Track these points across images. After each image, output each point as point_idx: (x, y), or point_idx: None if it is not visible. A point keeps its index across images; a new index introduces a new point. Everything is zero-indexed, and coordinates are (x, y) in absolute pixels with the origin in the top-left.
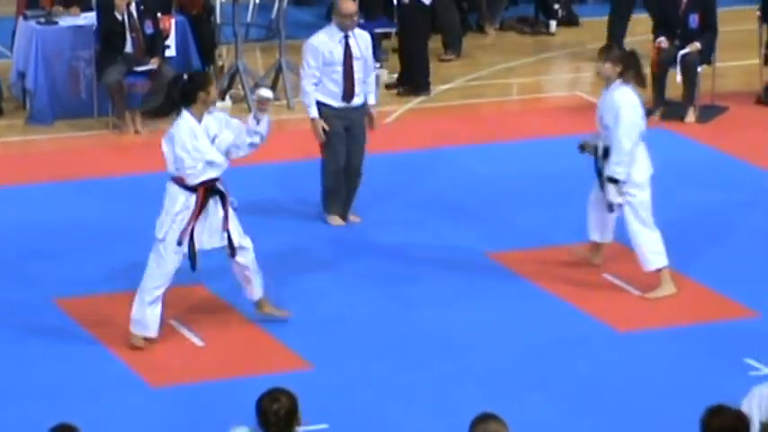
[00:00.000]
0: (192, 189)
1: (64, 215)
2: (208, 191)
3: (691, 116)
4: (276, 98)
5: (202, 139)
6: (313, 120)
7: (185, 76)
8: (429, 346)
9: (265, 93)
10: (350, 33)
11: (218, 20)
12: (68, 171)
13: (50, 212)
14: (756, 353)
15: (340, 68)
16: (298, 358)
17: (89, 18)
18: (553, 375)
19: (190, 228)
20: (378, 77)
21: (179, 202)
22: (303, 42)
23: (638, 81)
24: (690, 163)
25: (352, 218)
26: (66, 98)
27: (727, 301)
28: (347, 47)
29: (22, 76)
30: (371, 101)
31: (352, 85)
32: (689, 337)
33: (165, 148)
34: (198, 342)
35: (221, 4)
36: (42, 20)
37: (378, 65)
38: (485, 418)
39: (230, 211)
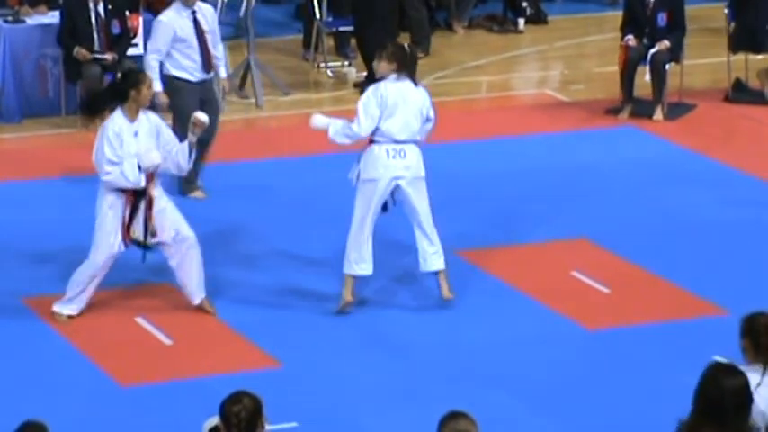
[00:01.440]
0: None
1: (32, 214)
2: (137, 194)
3: (659, 114)
4: (245, 96)
5: (128, 141)
6: (157, 93)
7: (119, 74)
8: (396, 343)
9: (202, 116)
10: (196, 8)
11: None
12: (36, 170)
13: (19, 211)
14: (725, 351)
15: (195, 43)
16: (266, 356)
17: (56, 17)
18: (521, 373)
19: (122, 227)
20: (346, 75)
21: (106, 202)
22: (272, 40)
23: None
24: (658, 160)
25: (197, 193)
26: (34, 97)
27: (696, 299)
28: (196, 22)
29: None
30: (223, 74)
31: (209, 58)
32: (658, 335)
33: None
34: (166, 340)
35: None
36: (10, 18)
37: (346, 63)
38: (454, 415)
39: (165, 204)
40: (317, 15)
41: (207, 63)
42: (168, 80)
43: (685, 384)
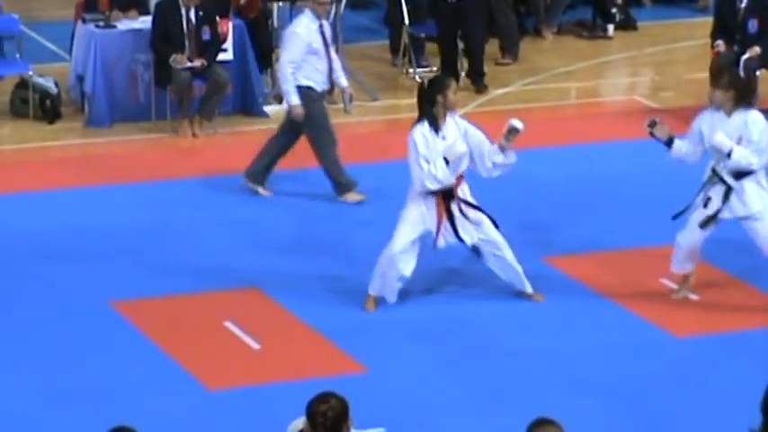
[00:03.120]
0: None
1: (121, 218)
2: (445, 196)
3: None
4: (333, 102)
5: (433, 147)
6: (294, 106)
7: (425, 81)
8: (483, 349)
9: (517, 123)
10: (323, 21)
11: (276, 23)
12: (126, 174)
13: (108, 215)
14: None
15: (323, 54)
16: (353, 361)
17: (147, 22)
18: (610, 381)
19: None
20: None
21: (415, 207)
22: (360, 46)
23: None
24: None
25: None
26: (125, 102)
27: None
28: (322, 33)
29: (80, 79)
30: (345, 82)
31: (332, 69)
32: (749, 342)
33: None
34: (254, 345)
35: (279, 8)
36: (101, 24)
37: (434, 68)
38: (542, 422)
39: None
40: (405, 21)
41: (331, 74)
42: (299, 90)
43: None
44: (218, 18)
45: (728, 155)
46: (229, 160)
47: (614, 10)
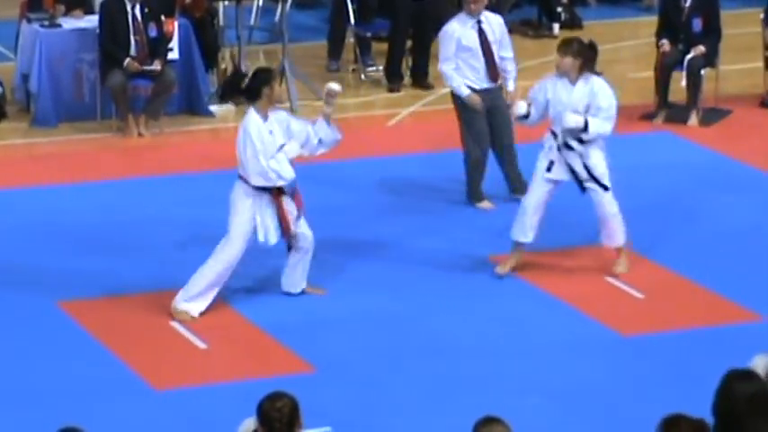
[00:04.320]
0: (261, 189)
1: (67, 218)
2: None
3: (694, 119)
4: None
5: (267, 139)
6: (467, 96)
7: (248, 73)
8: (430, 348)
9: (335, 86)
10: (481, 18)
11: (222, 23)
12: (72, 174)
13: (53, 215)
14: None
15: (479, 52)
16: (300, 361)
17: (92, 21)
18: (555, 379)
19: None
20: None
21: (246, 201)
22: (306, 45)
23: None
24: (693, 166)
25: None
26: (70, 101)
27: (731, 305)
28: (481, 31)
29: (25, 78)
30: (511, 87)
31: (494, 66)
32: (692, 340)
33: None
34: (201, 345)
35: (224, 7)
36: (46, 23)
37: (380, 67)
38: (489, 421)
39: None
40: (351, 20)
41: (492, 72)
42: (453, 90)
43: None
44: (163, 17)
45: (585, 129)
46: (175, 160)
47: (560, 9)
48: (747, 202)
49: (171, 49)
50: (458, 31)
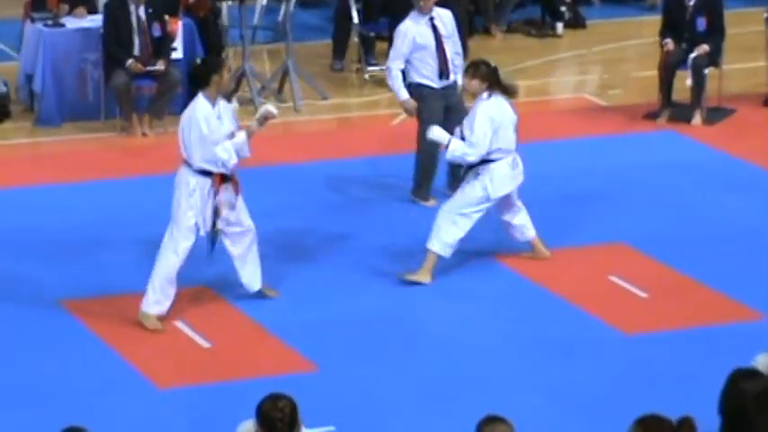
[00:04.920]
0: (204, 173)
1: (70, 217)
2: (223, 178)
3: (697, 118)
4: (283, 100)
5: (215, 125)
6: (404, 101)
7: (198, 60)
8: (433, 348)
9: (273, 110)
10: (434, 15)
11: (225, 22)
12: (76, 173)
13: (57, 214)
14: None
15: (434, 49)
16: (303, 360)
17: (96, 20)
18: (558, 378)
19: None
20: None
21: (190, 185)
22: (310, 45)
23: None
24: (696, 165)
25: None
26: (74, 101)
27: (733, 304)
28: (434, 27)
29: (29, 78)
30: (460, 81)
31: (447, 62)
32: (695, 339)
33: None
34: (204, 343)
35: (228, 6)
36: (49, 22)
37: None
38: (492, 420)
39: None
40: (355, 20)
41: (445, 68)
42: (414, 87)
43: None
44: (167, 17)
45: (447, 147)
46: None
47: (563, 8)
48: (751, 200)
49: (175, 49)
50: (412, 30)
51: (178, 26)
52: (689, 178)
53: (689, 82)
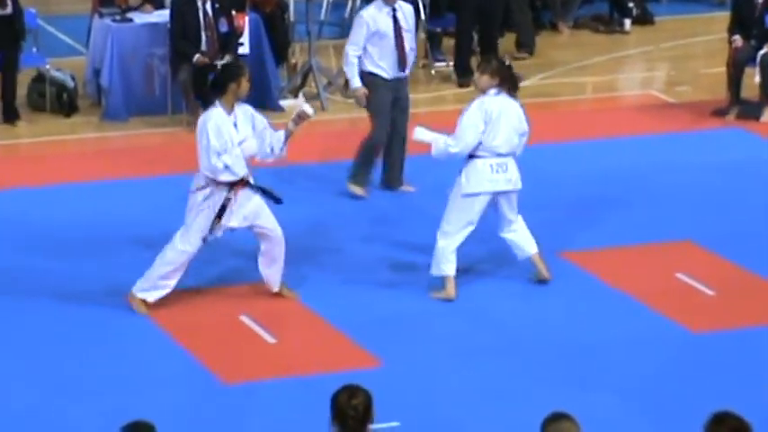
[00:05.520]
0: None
1: (138, 211)
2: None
3: (766, 115)
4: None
5: (229, 132)
6: (355, 89)
7: (219, 67)
8: (498, 343)
9: (309, 109)
10: (396, 6)
11: (292, 18)
12: (142, 168)
13: (125, 209)
14: None
15: (392, 40)
16: (367, 355)
17: (163, 16)
18: (625, 375)
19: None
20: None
21: (201, 193)
22: None
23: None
24: (765, 162)
25: (405, 187)
26: (141, 95)
27: None
28: (395, 19)
29: (97, 73)
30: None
31: (404, 56)
32: (764, 338)
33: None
34: (269, 339)
35: (295, 2)
36: (117, 17)
37: (451, 63)
38: (557, 417)
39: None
40: (422, 16)
41: (402, 61)
42: (364, 76)
43: None
44: (234, 12)
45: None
46: None
47: (631, 4)
48: None
49: (241, 44)
50: (373, 17)
51: (245, 21)
52: (757, 176)
53: (757, 79)
